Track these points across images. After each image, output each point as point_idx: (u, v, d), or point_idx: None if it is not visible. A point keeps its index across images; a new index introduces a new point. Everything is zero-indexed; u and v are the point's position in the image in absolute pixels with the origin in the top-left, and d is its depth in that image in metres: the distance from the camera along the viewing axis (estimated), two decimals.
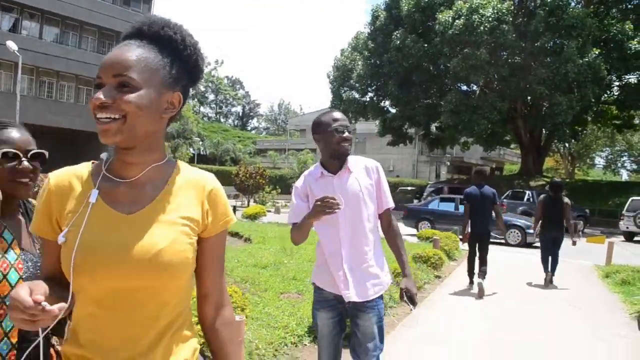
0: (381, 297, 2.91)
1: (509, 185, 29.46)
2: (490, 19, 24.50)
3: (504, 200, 22.56)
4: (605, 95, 29.79)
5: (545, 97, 26.02)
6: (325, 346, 2.96)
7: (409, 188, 36.86)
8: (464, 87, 31.74)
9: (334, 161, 2.92)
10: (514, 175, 37.88)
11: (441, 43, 26.53)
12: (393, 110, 34.85)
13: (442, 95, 30.69)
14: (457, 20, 25.08)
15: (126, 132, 1.25)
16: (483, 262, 8.37)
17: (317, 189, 2.90)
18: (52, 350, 1.72)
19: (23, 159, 1.71)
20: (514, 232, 16.41)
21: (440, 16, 26.15)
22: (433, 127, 35.33)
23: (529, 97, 29.12)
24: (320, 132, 2.91)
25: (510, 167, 58.54)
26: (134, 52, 1.28)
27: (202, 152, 47.67)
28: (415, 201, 28.03)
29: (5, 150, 1.68)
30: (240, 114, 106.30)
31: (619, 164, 58.52)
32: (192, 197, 1.38)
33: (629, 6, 28.43)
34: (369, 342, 2.83)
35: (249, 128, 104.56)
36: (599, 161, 60.89)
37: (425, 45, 28.53)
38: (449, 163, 50.99)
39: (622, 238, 20.48)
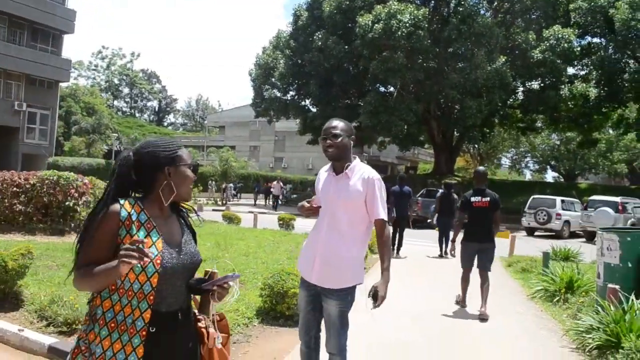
0: (347, 290, 3.21)
1: (423, 184, 30.79)
2: (407, 24, 25.59)
3: (419, 198, 23.63)
4: (511, 100, 31.92)
5: (457, 100, 27.55)
6: (301, 317, 3.42)
7: None
8: (382, 89, 32.84)
9: (335, 163, 3.32)
10: (428, 174, 39.59)
11: (361, 46, 27.37)
12: (314, 110, 35.39)
13: (361, 95, 31.62)
14: (376, 25, 25.99)
15: None
16: (401, 238, 12.20)
17: (324, 182, 3.34)
18: (200, 326, 2.09)
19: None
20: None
21: (361, 19, 26.97)
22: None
23: (442, 100, 30.60)
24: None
25: (424, 166, 60.94)
26: None
27: (115, 148, 46.02)
28: None
29: (195, 163, 2.10)
30: (156, 109, 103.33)
31: (523, 164, 62.48)
32: None
33: (532, 17, 30.63)
34: (331, 322, 3.24)
35: (165, 124, 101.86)
36: (505, 161, 64.71)
37: (346, 47, 29.31)
38: (366, 162, 52.15)
39: (524, 233, 22.10)
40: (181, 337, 1.99)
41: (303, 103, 36.18)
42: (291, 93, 35.91)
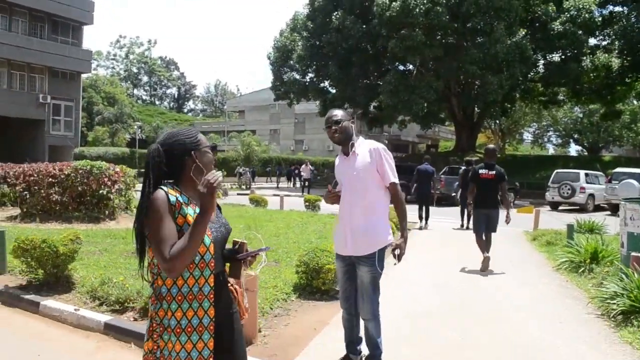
0: (377, 254, 3.61)
1: (445, 162, 30.82)
2: (425, 1, 25.44)
3: (442, 175, 23.71)
4: (532, 74, 31.55)
5: (477, 76, 27.38)
6: (340, 287, 3.92)
7: None
8: (402, 67, 32.75)
9: (343, 147, 3.74)
10: (450, 152, 39.51)
11: (379, 24, 27.31)
12: (333, 91, 35.48)
13: (380, 75, 31.59)
14: (394, 3, 25.90)
15: None
16: (427, 212, 13.42)
17: (338, 166, 3.83)
18: (231, 288, 2.42)
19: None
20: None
21: None
22: (372, 107, 36.25)
23: (462, 77, 30.44)
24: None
25: (444, 143, 60.69)
26: None
27: (139, 137, 46.67)
28: None
29: (213, 145, 2.33)
30: (176, 95, 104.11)
31: (545, 139, 61.85)
32: None
33: None
34: (364, 288, 3.66)
35: (185, 110, 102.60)
36: (527, 136, 64.08)
37: (364, 26, 29.26)
38: (387, 141, 52.35)
39: (548, 208, 22.10)
40: (223, 295, 2.29)
41: (322, 84, 36.28)
42: (310, 75, 36.01)
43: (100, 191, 11.66)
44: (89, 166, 11.67)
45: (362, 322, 3.83)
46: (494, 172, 8.24)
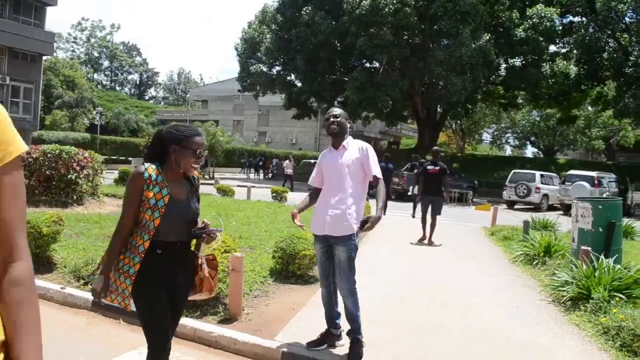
0: (352, 236, 4.02)
1: (407, 159, 31.54)
2: (394, 1, 25.97)
3: (404, 172, 24.35)
4: (493, 77, 32.60)
5: (441, 77, 28.11)
6: (319, 267, 4.28)
7: (313, 161, 37.96)
8: (368, 65, 33.26)
9: (334, 140, 4.16)
10: (411, 149, 40.34)
11: (349, 22, 27.71)
12: (300, 85, 35.72)
13: (347, 71, 32.04)
14: (364, 1, 26.34)
15: None
16: (385, 206, 12.72)
17: (325, 159, 4.22)
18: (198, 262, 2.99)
19: (201, 156, 2.82)
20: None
21: None
22: (337, 102, 36.63)
23: (426, 77, 31.15)
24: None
25: (406, 141, 61.69)
26: None
27: (96, 123, 45.75)
28: None
29: (199, 150, 2.79)
30: (137, 82, 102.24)
31: (504, 140, 63.61)
32: None
33: None
34: (341, 267, 4.06)
35: (146, 97, 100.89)
36: (486, 137, 65.75)
37: (333, 22, 29.59)
38: (350, 136, 52.79)
39: (505, 206, 23.01)
40: (179, 261, 2.83)
41: (289, 78, 36.46)
42: (277, 68, 36.14)
43: (69, 176, 11.64)
44: (57, 150, 11.61)
45: (340, 300, 4.20)
46: (438, 167, 10.62)
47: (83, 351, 4.12)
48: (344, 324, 4.23)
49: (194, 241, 2.94)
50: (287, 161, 29.93)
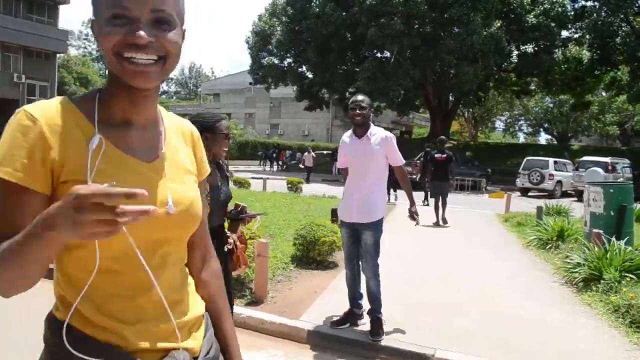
0: (379, 221, 4.26)
1: (420, 148, 31.57)
2: None
3: (417, 161, 24.42)
4: (505, 64, 32.45)
5: (453, 65, 28.11)
6: (345, 250, 4.50)
7: (325, 152, 38.15)
8: (379, 55, 33.28)
9: (357, 129, 4.32)
10: (424, 138, 40.35)
11: (359, 12, 27.76)
12: (311, 76, 35.82)
13: (358, 62, 32.08)
14: None
15: (162, 75, 1.10)
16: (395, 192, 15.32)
17: (348, 147, 4.39)
18: (231, 240, 3.21)
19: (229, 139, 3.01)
20: None
21: None
22: (348, 93, 36.72)
23: (438, 66, 31.14)
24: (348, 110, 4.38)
25: (418, 130, 61.58)
26: None
27: None
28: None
29: (228, 132, 3.04)
30: None
31: (517, 127, 63.34)
32: (183, 143, 1.28)
33: None
34: (367, 250, 4.30)
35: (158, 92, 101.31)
36: (499, 124, 65.52)
37: (344, 13, 29.66)
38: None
39: (518, 193, 23.06)
40: (217, 245, 2.98)
41: (300, 70, 36.56)
42: (288, 60, 36.25)
43: None
44: None
45: (363, 281, 4.44)
46: (444, 155, 11.74)
47: None
48: (365, 304, 4.46)
49: (226, 224, 3.14)
50: (306, 153, 29.53)
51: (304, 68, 36.27)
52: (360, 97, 4.34)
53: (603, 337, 4.42)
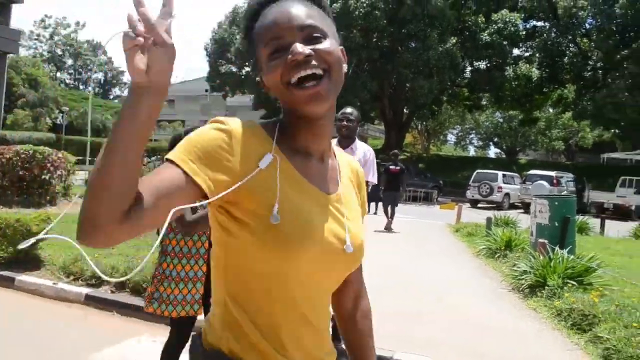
0: None
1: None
2: (364, 4, 26.58)
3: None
4: (459, 79, 33.55)
5: (409, 79, 28.85)
6: None
7: None
8: None
9: (343, 140, 4.37)
10: (378, 150, 40.99)
11: None
12: None
13: None
14: (335, 4, 26.83)
15: (332, 92, 1.07)
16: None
17: None
18: None
19: None
20: None
21: None
22: None
23: (394, 79, 31.84)
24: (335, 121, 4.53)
25: (373, 142, 62.14)
26: (307, 6, 1.10)
27: (62, 122, 44.93)
28: None
29: None
30: (102, 81, 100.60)
31: (468, 141, 65.13)
32: (352, 180, 1.26)
33: (482, 0, 32.20)
34: None
35: (111, 97, 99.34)
36: (451, 138, 67.19)
37: None
38: None
39: (468, 205, 23.77)
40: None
41: (259, 79, 36.46)
42: (247, 69, 36.30)
43: (43, 176, 11.69)
44: (31, 150, 11.64)
45: None
46: (398, 167, 12.86)
47: (83, 337, 4.44)
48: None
49: None
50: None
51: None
52: (349, 109, 4.43)
53: (547, 339, 4.75)
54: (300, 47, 1.01)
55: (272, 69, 1.04)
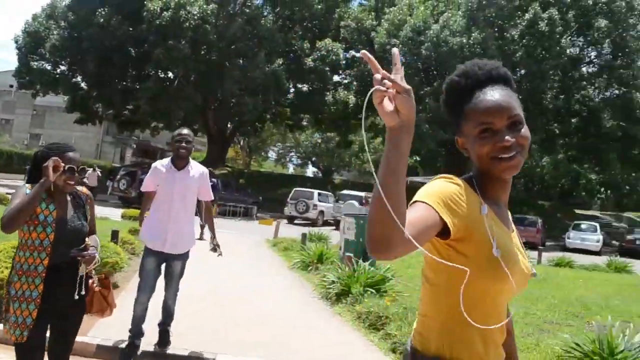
0: (189, 251, 4.65)
1: None
2: (195, 17, 26.64)
3: None
4: (283, 99, 35.02)
5: (235, 95, 29.48)
6: (147, 277, 4.50)
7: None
8: (163, 75, 33.14)
9: (179, 161, 4.54)
10: (200, 162, 40.78)
11: (147, 30, 27.53)
12: (87, 88, 33.85)
13: (140, 80, 31.49)
14: (165, 12, 26.51)
15: (522, 163, 1.40)
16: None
17: (164, 177, 4.50)
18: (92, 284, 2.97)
19: (76, 172, 2.82)
20: None
21: (150, 4, 27.17)
22: (126, 110, 35.49)
23: (220, 94, 32.21)
24: (171, 142, 4.68)
25: (195, 154, 60.76)
26: (509, 94, 1.43)
27: None
28: (109, 182, 27.19)
29: (70, 166, 2.76)
30: None
31: (288, 159, 67.80)
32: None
33: (309, 26, 34.21)
34: (175, 277, 4.62)
35: None
36: (272, 154, 69.34)
37: (131, 29, 29.05)
38: (135, 146, 50.23)
39: (286, 221, 24.90)
40: (64, 279, 2.78)
41: (75, 80, 34.26)
42: (62, 67, 33.80)
43: None
44: None
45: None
46: (211, 182, 12.57)
47: None
48: (156, 320, 4.68)
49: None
50: (90, 171, 22.56)
51: (80, 78, 34.07)
52: (185, 131, 4.57)
53: (348, 337, 5.55)
54: (508, 137, 1.37)
55: (482, 144, 1.39)
